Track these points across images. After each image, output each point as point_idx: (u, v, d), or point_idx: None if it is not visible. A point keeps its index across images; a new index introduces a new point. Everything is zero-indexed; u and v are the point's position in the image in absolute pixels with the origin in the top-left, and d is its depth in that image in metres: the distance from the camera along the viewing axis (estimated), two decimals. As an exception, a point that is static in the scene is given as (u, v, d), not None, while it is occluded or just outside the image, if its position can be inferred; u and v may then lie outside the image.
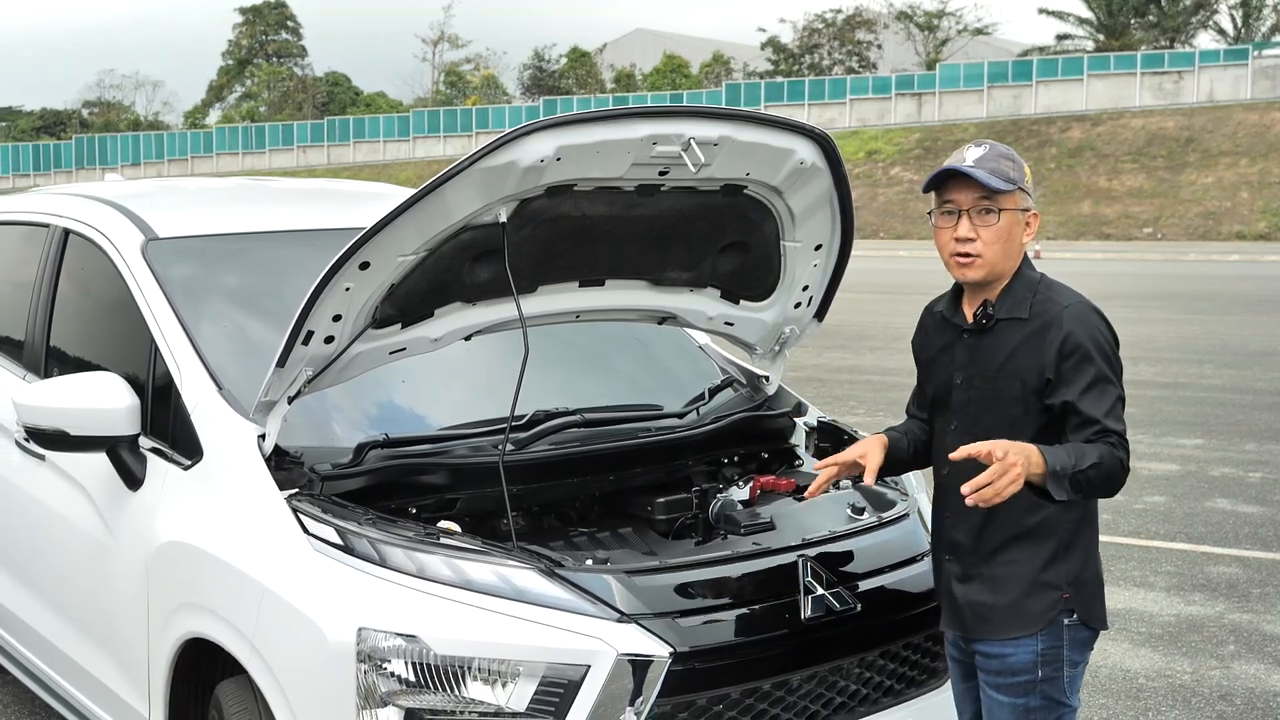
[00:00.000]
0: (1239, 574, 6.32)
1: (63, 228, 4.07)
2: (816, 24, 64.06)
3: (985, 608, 2.74)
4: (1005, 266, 2.73)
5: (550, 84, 68.00)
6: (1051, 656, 2.71)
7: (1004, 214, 2.69)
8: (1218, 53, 50.03)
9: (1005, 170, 2.69)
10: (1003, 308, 2.73)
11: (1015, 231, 2.72)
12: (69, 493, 3.57)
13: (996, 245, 2.70)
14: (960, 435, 2.74)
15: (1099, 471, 2.59)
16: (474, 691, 2.61)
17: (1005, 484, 2.47)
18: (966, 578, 2.77)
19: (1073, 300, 2.72)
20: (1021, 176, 2.72)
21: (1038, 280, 2.76)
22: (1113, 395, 2.64)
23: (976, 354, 2.76)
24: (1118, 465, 2.61)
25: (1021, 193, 2.71)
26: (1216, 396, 11.50)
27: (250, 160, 63.03)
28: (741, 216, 3.28)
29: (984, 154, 2.71)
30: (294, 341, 2.85)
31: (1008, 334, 2.71)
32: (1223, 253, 34.70)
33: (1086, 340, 2.64)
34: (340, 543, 2.77)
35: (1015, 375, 2.68)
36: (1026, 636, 2.70)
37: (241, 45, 77.80)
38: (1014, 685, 2.73)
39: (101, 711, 3.55)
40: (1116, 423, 2.63)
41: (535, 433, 3.33)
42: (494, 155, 2.72)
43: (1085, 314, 2.69)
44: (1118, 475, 2.62)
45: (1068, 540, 2.71)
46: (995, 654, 2.74)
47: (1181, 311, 18.83)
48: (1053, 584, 2.70)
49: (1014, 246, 2.73)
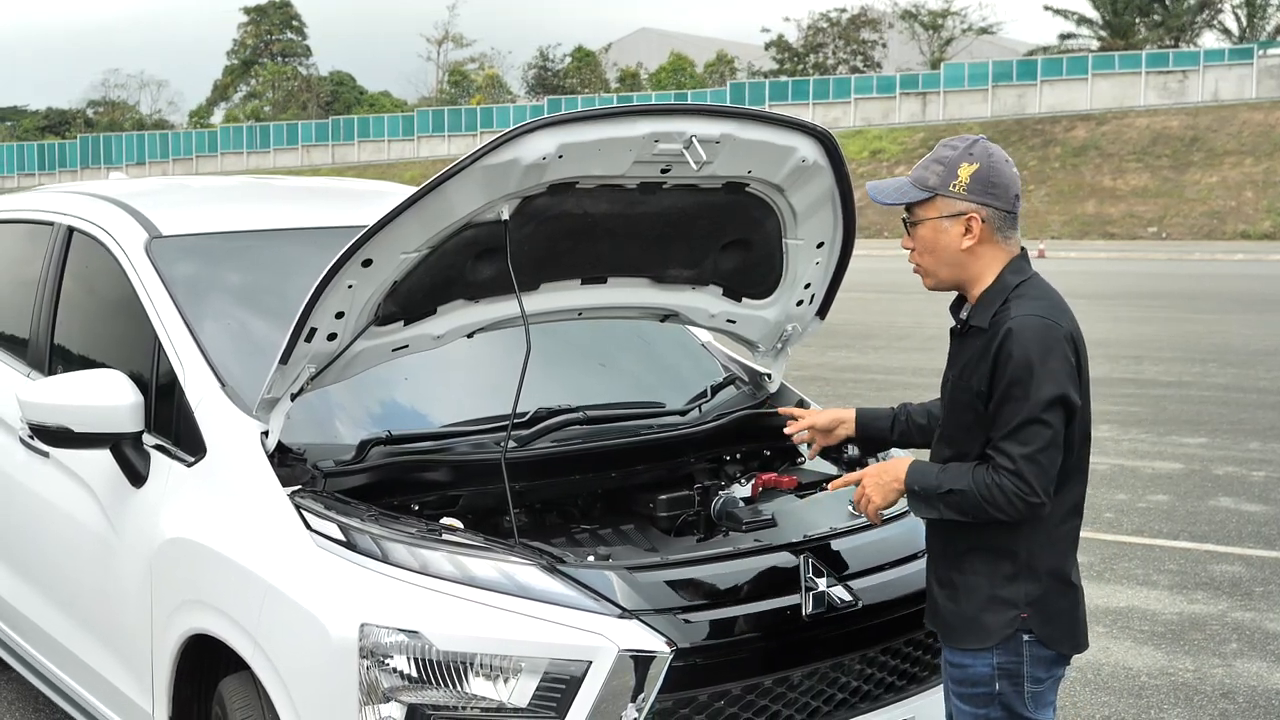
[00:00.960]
0: (1242, 572, 6.32)
1: (67, 225, 4.08)
2: (821, 23, 64.05)
3: (950, 614, 2.73)
4: (953, 273, 2.70)
5: (555, 83, 68.02)
6: (1010, 671, 2.66)
7: (922, 225, 2.69)
8: (1222, 52, 49.98)
9: (924, 178, 2.67)
10: (974, 314, 2.70)
11: (941, 239, 2.67)
12: (73, 490, 3.58)
13: (926, 255, 2.71)
14: (939, 436, 2.83)
15: (963, 498, 2.59)
16: (476, 687, 2.62)
17: (870, 510, 2.81)
18: (939, 582, 2.77)
19: (1025, 311, 2.61)
20: (947, 181, 2.65)
21: (1012, 287, 2.66)
22: (1017, 418, 2.54)
23: (955, 357, 2.78)
24: (993, 489, 2.54)
25: (944, 199, 2.65)
26: (1220, 395, 11.49)
27: (255, 160, 63.09)
28: (743, 214, 3.28)
29: (925, 159, 2.73)
30: (297, 339, 2.86)
31: (973, 342, 2.69)
32: (1227, 252, 34.66)
33: (1013, 358, 2.56)
34: (343, 539, 2.78)
35: (968, 383, 2.67)
36: (983, 650, 2.67)
37: (246, 45, 77.86)
38: (974, 696, 2.71)
39: (105, 707, 3.56)
40: (1011, 446, 2.54)
41: (538, 430, 3.34)
42: (496, 153, 2.73)
43: (1026, 330, 2.57)
44: (994, 500, 2.55)
45: (1028, 561, 2.64)
46: (956, 663, 2.74)
47: (1185, 311, 18.81)
48: (1010, 601, 2.65)
49: (947, 254, 2.68)
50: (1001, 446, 2.56)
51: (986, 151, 2.67)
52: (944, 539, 2.75)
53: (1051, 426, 2.55)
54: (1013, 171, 2.70)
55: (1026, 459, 2.54)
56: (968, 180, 2.65)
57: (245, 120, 70.64)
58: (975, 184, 2.65)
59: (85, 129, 74.61)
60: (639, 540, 3.26)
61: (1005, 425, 2.57)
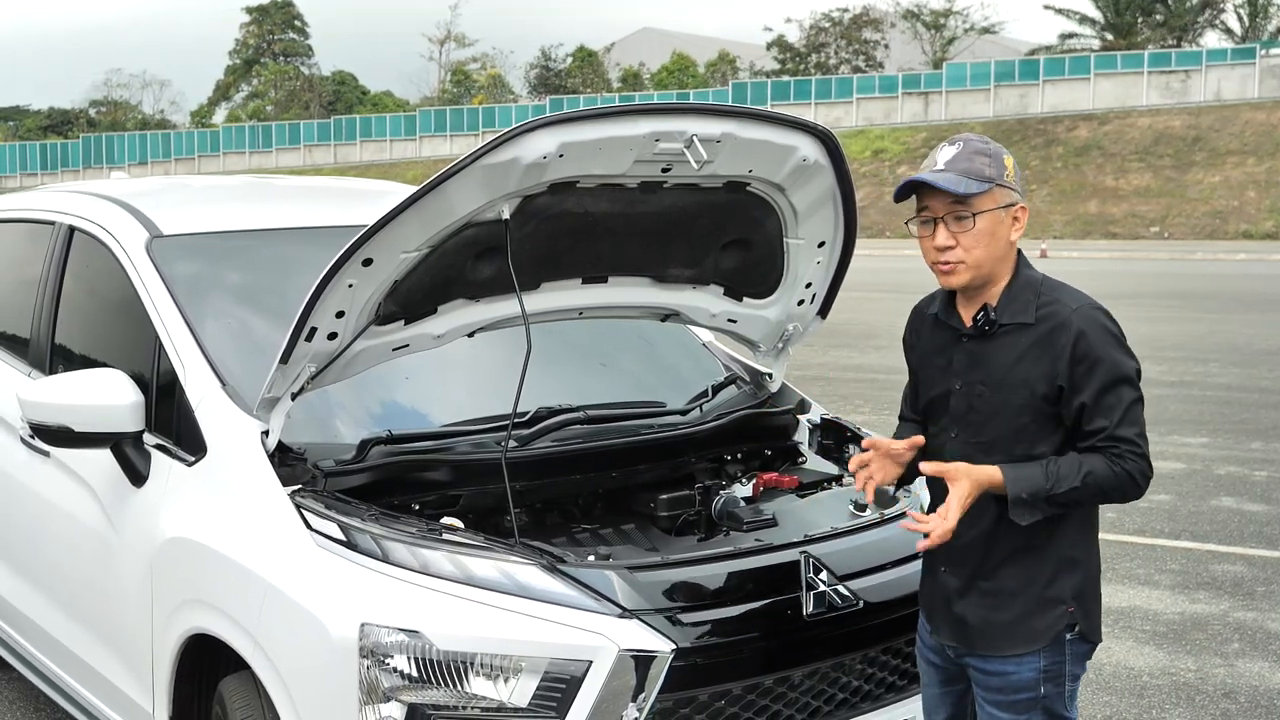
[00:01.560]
0: (1244, 572, 6.32)
1: (68, 225, 4.08)
2: (823, 23, 64.04)
3: (986, 623, 2.64)
4: (994, 269, 2.60)
5: (557, 83, 68.02)
6: (1055, 673, 2.63)
7: (980, 216, 2.55)
8: (1225, 52, 49.93)
9: (979, 169, 2.56)
10: (1006, 312, 2.60)
11: (999, 231, 2.57)
12: (73, 489, 3.58)
13: (978, 249, 2.57)
14: (961, 444, 2.65)
15: (1086, 488, 2.52)
16: (476, 687, 2.62)
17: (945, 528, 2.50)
18: (965, 590, 2.67)
19: (1081, 302, 2.59)
20: (1000, 171, 2.57)
21: (1040, 281, 2.63)
22: (1127, 400, 2.53)
23: (979, 360, 2.63)
24: (1121, 476, 2.52)
25: (1001, 189, 2.56)
26: (1222, 395, 11.48)
27: (257, 159, 63.11)
28: (744, 213, 3.27)
29: (956, 153, 2.59)
30: (297, 338, 2.85)
31: (1013, 340, 2.58)
32: (1229, 252, 34.63)
33: (1099, 343, 2.53)
34: (343, 538, 2.78)
35: (1023, 383, 2.56)
36: (1030, 654, 2.61)
37: (248, 45, 77.89)
38: (1016, 703, 2.63)
39: (106, 707, 3.56)
40: (1128, 428, 2.52)
41: (538, 429, 3.33)
42: (496, 152, 2.73)
43: (1095, 315, 2.57)
44: (1119, 486, 2.53)
45: (1070, 554, 2.62)
46: (995, 671, 2.65)
47: (1188, 310, 18.80)
48: (1057, 599, 2.61)
49: (1000, 247, 2.58)
50: (1119, 434, 2.52)
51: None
52: (977, 547, 2.63)
53: (1143, 400, 2.59)
54: None
55: (1142, 437, 2.56)
56: (1013, 170, 2.62)
57: (247, 120, 70.67)
58: (1017, 176, 2.63)
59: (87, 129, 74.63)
60: (640, 540, 3.25)
61: (1112, 412, 2.53)
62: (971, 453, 2.61)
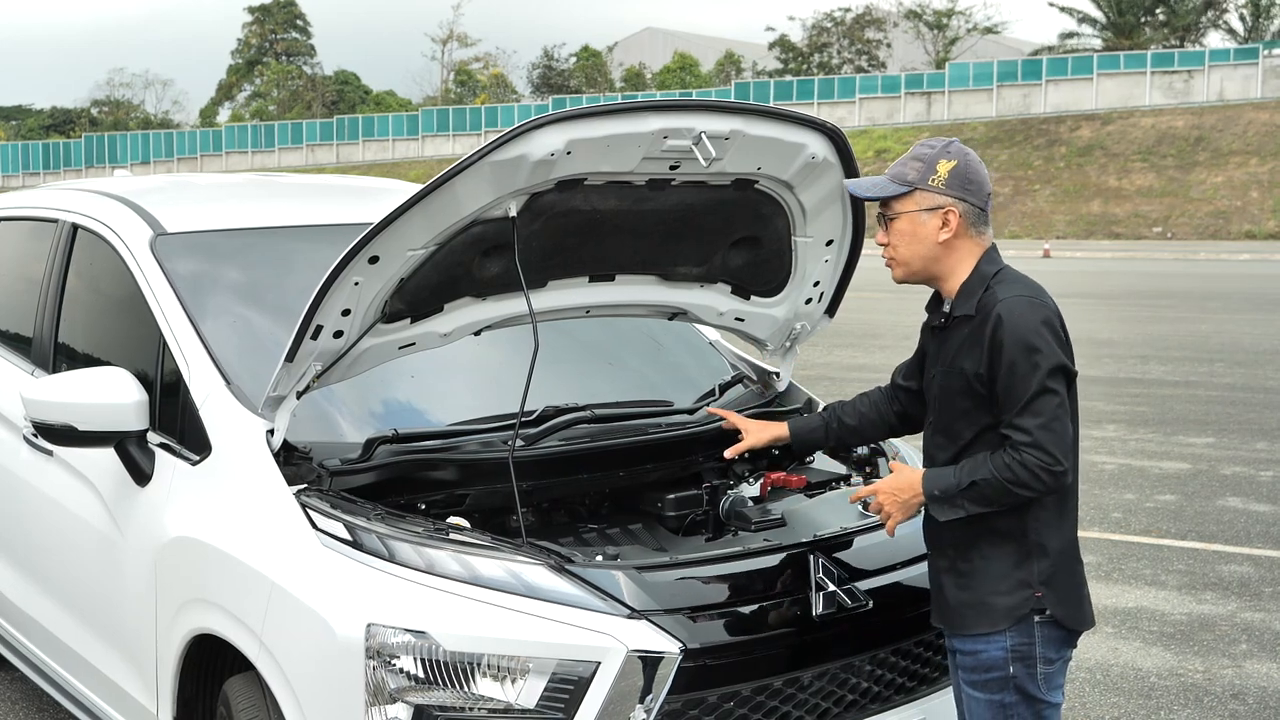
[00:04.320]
0: (1251, 573, 6.29)
1: (71, 223, 4.06)
2: (826, 23, 64.02)
3: (959, 602, 2.79)
4: (929, 266, 2.81)
5: (560, 83, 68.03)
6: (1024, 653, 2.74)
7: (901, 218, 2.80)
8: (1228, 52, 49.85)
9: (904, 173, 2.79)
10: (957, 305, 2.80)
11: (919, 231, 2.78)
12: (77, 488, 3.56)
13: (901, 247, 2.81)
14: (932, 430, 2.87)
15: (986, 486, 2.67)
16: (483, 688, 2.60)
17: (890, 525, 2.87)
18: (945, 572, 2.83)
19: (1010, 294, 2.73)
20: (926, 175, 2.77)
21: (991, 275, 2.79)
22: (1031, 389, 2.64)
23: (940, 350, 2.85)
24: (1016, 469, 2.63)
25: (922, 193, 2.77)
26: (1227, 395, 11.45)
27: (259, 159, 63.13)
28: (752, 211, 3.25)
29: (902, 158, 2.83)
30: (302, 336, 2.83)
31: (959, 330, 2.79)
32: (1233, 252, 34.59)
33: (1014, 332, 2.66)
34: (349, 538, 2.76)
35: (960, 372, 2.75)
36: (995, 633, 2.74)
37: (251, 44, 77.92)
38: (988, 681, 2.77)
39: (109, 708, 3.54)
40: (1028, 418, 2.63)
41: (545, 428, 3.31)
42: (504, 149, 2.71)
43: (1016, 305, 2.69)
44: (1019, 480, 2.63)
45: (1039, 540, 2.74)
46: (968, 650, 2.79)
47: (1192, 310, 18.76)
48: (1024, 582, 2.73)
49: (923, 246, 2.79)
50: (1015, 423, 2.66)
51: (963, 151, 2.83)
52: (952, 530, 2.78)
53: (1058, 394, 2.67)
54: (985, 171, 2.85)
55: (1042, 429, 2.64)
56: (946, 175, 2.79)
57: (250, 120, 70.68)
58: (953, 179, 2.79)
59: (90, 128, 74.69)
60: (647, 540, 3.23)
61: (1015, 403, 2.66)
62: (937, 437, 2.85)
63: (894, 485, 2.85)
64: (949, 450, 2.81)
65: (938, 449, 2.85)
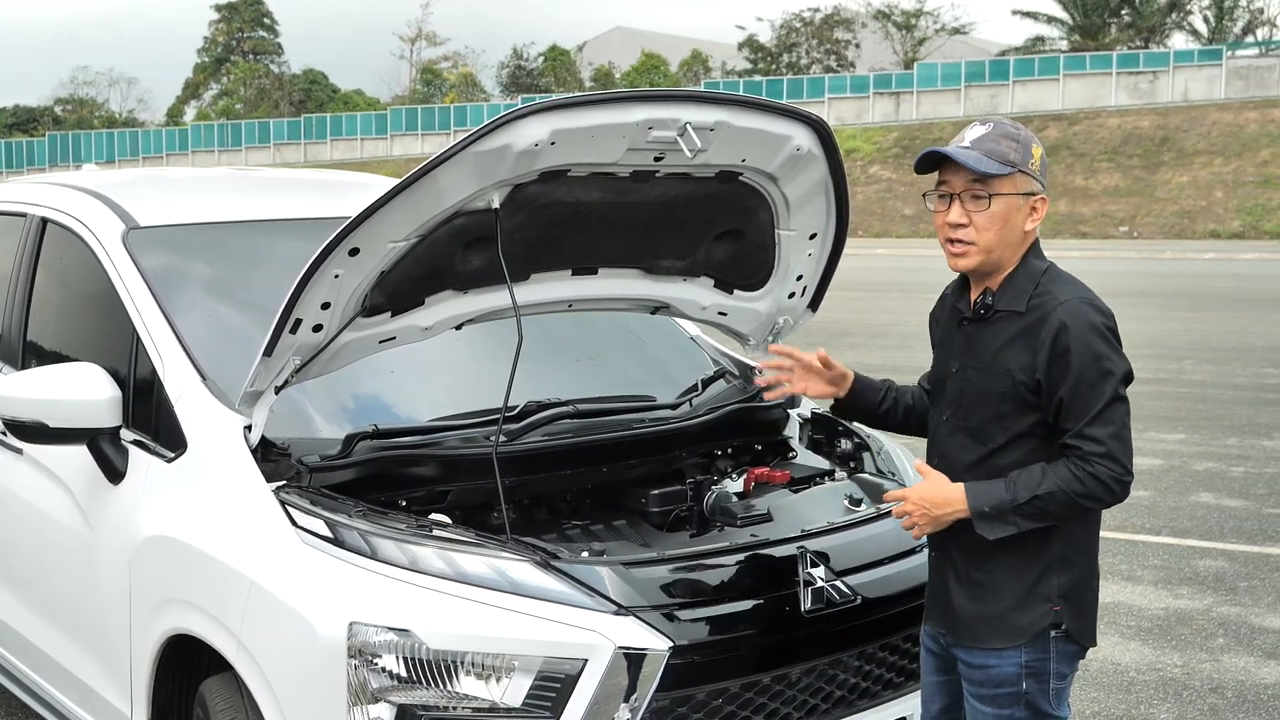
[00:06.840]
0: (1226, 567, 6.32)
1: (40, 217, 3.98)
2: (795, 23, 64.17)
3: (971, 614, 2.64)
4: (1003, 255, 2.58)
5: (529, 82, 67.86)
6: (1037, 669, 2.60)
7: (997, 199, 2.54)
8: (1192, 53, 50.35)
9: (1003, 152, 2.54)
10: (1002, 299, 2.60)
11: (1013, 218, 2.56)
12: (48, 487, 3.49)
13: (989, 232, 2.55)
14: (951, 428, 2.67)
15: (1049, 501, 2.48)
16: (468, 687, 2.56)
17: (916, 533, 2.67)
18: (954, 579, 2.67)
19: (1070, 295, 2.55)
20: (1025, 158, 2.56)
21: (1042, 271, 2.60)
22: (1102, 398, 2.48)
23: (973, 344, 2.64)
24: (1087, 481, 2.47)
25: (1023, 176, 2.55)
26: (1197, 392, 11.54)
27: (226, 158, 62.61)
28: (736, 204, 3.22)
29: (985, 133, 2.58)
30: (281, 330, 2.78)
31: (1004, 326, 2.58)
32: (1198, 251, 34.89)
33: (1080, 338, 2.49)
34: (330, 535, 2.71)
35: (1005, 370, 2.56)
36: (1010, 649, 2.60)
37: (218, 42, 77.29)
38: (998, 697, 2.62)
39: (82, 711, 3.47)
40: (1099, 428, 2.47)
41: (528, 423, 3.27)
42: (488, 139, 2.66)
43: (1080, 310, 2.52)
44: (1089, 492, 2.48)
45: (1064, 552, 2.60)
46: (978, 664, 2.64)
47: (1159, 309, 18.89)
48: (1043, 596, 2.59)
49: (1012, 234, 2.57)
50: (1087, 433, 2.48)
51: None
52: (968, 537, 2.59)
53: (1126, 402, 2.53)
54: None
55: (1114, 438, 2.48)
56: (1039, 162, 2.61)
57: (217, 118, 70.13)
58: (1043, 167, 2.62)
59: (53, 127, 73.88)
60: (631, 536, 3.20)
61: (1085, 412, 2.48)
62: (958, 436, 2.64)
63: (928, 498, 2.59)
64: (974, 452, 2.61)
65: (960, 450, 2.64)
